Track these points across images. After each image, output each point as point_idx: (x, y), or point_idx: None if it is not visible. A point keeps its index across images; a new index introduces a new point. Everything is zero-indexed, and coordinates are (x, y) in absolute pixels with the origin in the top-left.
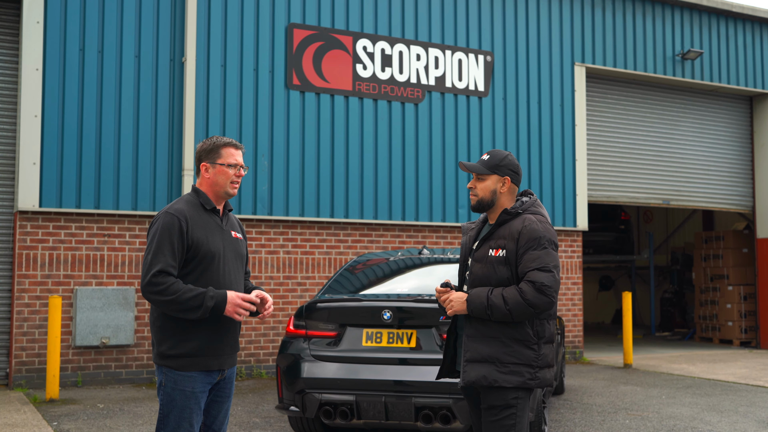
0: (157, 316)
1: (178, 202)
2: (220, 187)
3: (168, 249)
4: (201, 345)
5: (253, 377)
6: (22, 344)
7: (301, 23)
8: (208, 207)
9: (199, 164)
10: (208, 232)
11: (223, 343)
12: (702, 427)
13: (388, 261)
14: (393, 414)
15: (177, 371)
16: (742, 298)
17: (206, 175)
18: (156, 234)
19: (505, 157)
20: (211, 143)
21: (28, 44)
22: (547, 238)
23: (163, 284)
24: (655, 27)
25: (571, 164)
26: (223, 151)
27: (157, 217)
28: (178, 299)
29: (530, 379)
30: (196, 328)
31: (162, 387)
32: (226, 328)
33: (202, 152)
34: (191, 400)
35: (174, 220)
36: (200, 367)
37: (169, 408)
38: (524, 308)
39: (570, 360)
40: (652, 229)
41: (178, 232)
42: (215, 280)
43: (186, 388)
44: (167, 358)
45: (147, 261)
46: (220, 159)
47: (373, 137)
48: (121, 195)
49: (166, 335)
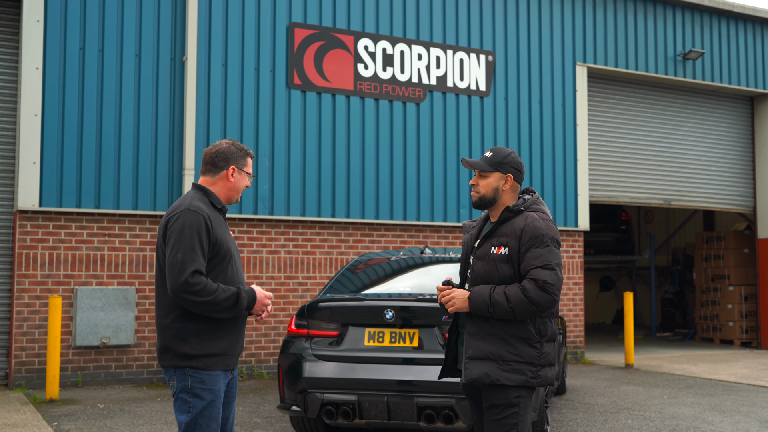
0: (175, 318)
1: (192, 199)
2: (237, 192)
3: (198, 248)
4: (225, 344)
5: (254, 377)
6: (22, 344)
7: (303, 22)
8: (218, 206)
9: (223, 164)
10: (224, 231)
11: (239, 342)
12: (704, 427)
13: (389, 260)
14: (395, 414)
15: (203, 371)
16: (743, 299)
17: (231, 179)
18: (183, 232)
19: (508, 155)
20: (241, 149)
21: (28, 43)
22: (550, 236)
23: (200, 284)
24: (656, 27)
25: (573, 164)
26: (248, 159)
27: (177, 214)
28: (216, 300)
29: (532, 378)
30: (218, 328)
31: (188, 390)
32: (242, 327)
33: (231, 155)
34: (219, 399)
35: (199, 218)
36: (222, 366)
37: (197, 410)
38: (527, 306)
39: (571, 360)
40: (652, 229)
41: (205, 230)
42: (231, 279)
43: (215, 387)
44: (192, 359)
45: (177, 260)
46: (246, 167)
47: (374, 137)
48: (121, 194)
49: (188, 336)
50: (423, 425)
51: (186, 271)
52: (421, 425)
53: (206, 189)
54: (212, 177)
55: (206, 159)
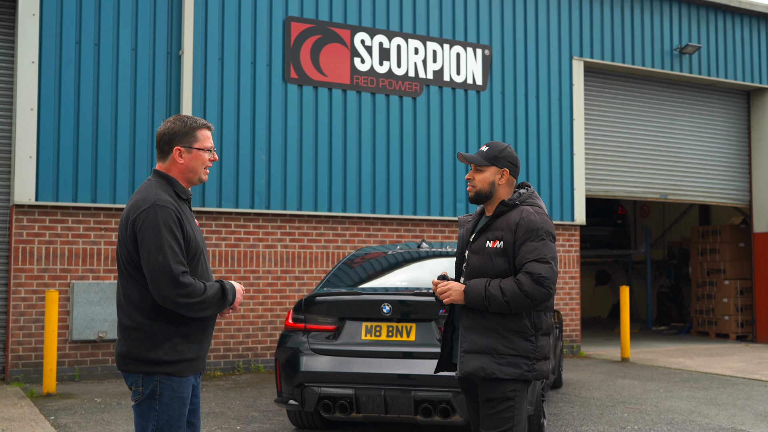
0: (144, 321)
1: (156, 191)
2: (195, 174)
3: (177, 247)
4: (198, 348)
5: (251, 371)
6: (19, 338)
7: (299, 16)
8: (184, 197)
9: (167, 147)
10: (192, 224)
11: (209, 344)
12: (700, 421)
13: (386, 255)
14: (392, 407)
15: (175, 377)
16: (738, 293)
17: (179, 161)
18: (158, 231)
19: (504, 149)
20: (184, 124)
21: (24, 37)
22: (545, 230)
23: (191, 286)
24: (653, 21)
25: (569, 158)
26: (199, 133)
27: (143, 210)
28: (207, 298)
29: (527, 371)
30: (191, 331)
31: (156, 397)
32: (212, 327)
33: (174, 134)
34: (185, 406)
35: (171, 213)
36: (193, 371)
37: (164, 418)
38: (522, 299)
39: (568, 354)
40: (648, 223)
41: (179, 226)
42: (201, 275)
43: (183, 395)
44: (164, 365)
45: (159, 263)
46: (196, 143)
47: (371, 131)
48: (118, 189)
49: (160, 340)
50: (420, 419)
51: (174, 275)
52: (418, 419)
53: (168, 177)
54: (164, 162)
55: (156, 144)
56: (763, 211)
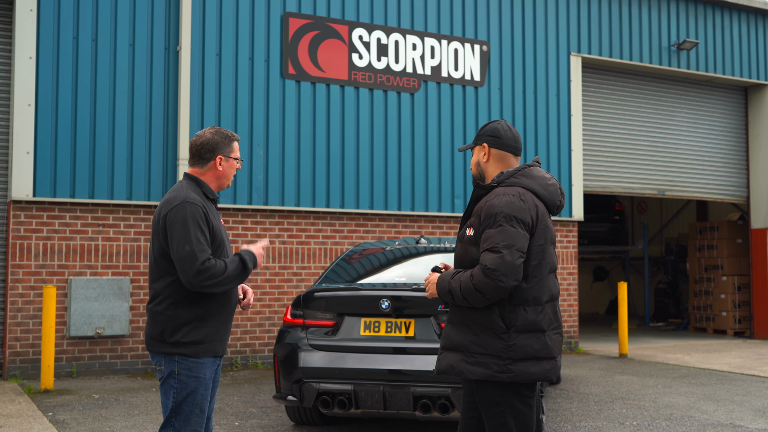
0: (169, 305)
1: (186, 190)
2: (227, 179)
3: (203, 238)
4: (213, 330)
5: (249, 367)
6: (16, 335)
7: (297, 12)
8: (211, 196)
9: (209, 155)
10: (217, 220)
11: (227, 328)
12: (699, 416)
13: (385, 250)
14: (391, 403)
15: (192, 358)
16: (736, 289)
17: (219, 168)
18: (186, 224)
19: (486, 126)
20: (225, 137)
21: (22, 32)
22: (504, 214)
23: (213, 267)
24: (650, 17)
25: (567, 154)
26: (234, 144)
27: (175, 206)
28: (229, 273)
29: (499, 372)
30: (209, 315)
31: (175, 376)
32: (231, 313)
33: (217, 145)
34: (204, 386)
35: (198, 209)
36: (211, 353)
37: (182, 396)
38: (474, 294)
39: (565, 350)
40: (646, 219)
41: (205, 220)
42: None
43: (200, 375)
44: (182, 346)
45: (186, 252)
46: (233, 153)
47: (369, 127)
48: (115, 184)
49: (181, 323)
50: (419, 415)
51: (198, 262)
52: (417, 415)
53: (198, 179)
54: (201, 168)
55: (192, 151)
56: (760, 207)
